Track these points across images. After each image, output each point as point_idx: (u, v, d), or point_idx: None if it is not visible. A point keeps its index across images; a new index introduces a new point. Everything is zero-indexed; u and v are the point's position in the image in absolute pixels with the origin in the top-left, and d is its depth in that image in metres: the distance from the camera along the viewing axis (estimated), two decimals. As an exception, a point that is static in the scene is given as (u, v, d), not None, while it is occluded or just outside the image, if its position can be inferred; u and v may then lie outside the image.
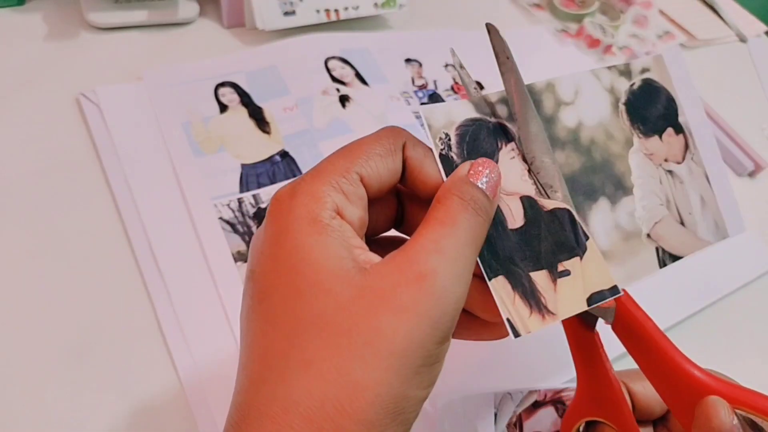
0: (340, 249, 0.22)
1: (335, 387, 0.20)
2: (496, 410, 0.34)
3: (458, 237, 0.22)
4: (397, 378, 0.21)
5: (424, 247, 0.22)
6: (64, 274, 0.38)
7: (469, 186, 0.24)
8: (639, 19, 0.73)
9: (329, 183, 0.23)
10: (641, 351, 0.26)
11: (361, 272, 0.22)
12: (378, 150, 0.25)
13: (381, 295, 0.21)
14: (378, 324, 0.21)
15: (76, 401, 0.34)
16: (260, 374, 0.21)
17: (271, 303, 0.22)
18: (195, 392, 0.35)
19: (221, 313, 0.38)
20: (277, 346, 0.21)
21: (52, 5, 0.52)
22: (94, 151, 0.44)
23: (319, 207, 0.23)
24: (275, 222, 0.23)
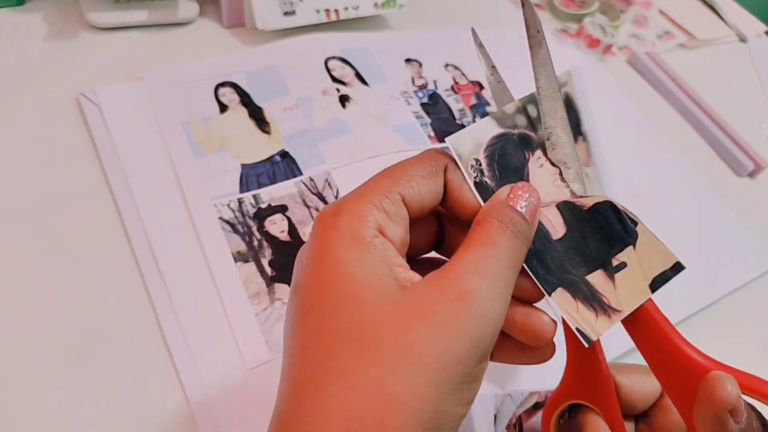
0: (380, 266, 0.23)
1: (371, 399, 0.20)
2: (496, 411, 0.34)
3: (498, 258, 0.23)
4: (435, 393, 0.21)
5: (463, 268, 0.22)
6: (64, 274, 0.38)
7: (509, 209, 0.25)
8: (639, 19, 0.73)
9: (372, 202, 0.24)
10: (641, 333, 0.26)
11: (400, 289, 0.22)
12: (420, 172, 0.25)
13: (419, 311, 0.21)
14: (415, 338, 0.21)
15: (76, 402, 0.34)
16: (301, 385, 0.22)
17: (314, 316, 0.23)
18: (194, 392, 0.35)
19: (221, 312, 0.38)
20: (317, 358, 0.22)
21: (52, 5, 0.52)
22: (94, 151, 0.44)
23: (362, 225, 0.23)
24: (319, 238, 0.24)
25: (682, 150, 0.60)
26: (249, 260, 0.40)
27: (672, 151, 0.59)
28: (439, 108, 0.54)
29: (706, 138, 0.63)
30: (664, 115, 0.64)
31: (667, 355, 0.25)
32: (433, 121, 0.52)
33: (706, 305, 0.47)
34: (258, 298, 0.39)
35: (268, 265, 0.40)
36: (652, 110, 0.64)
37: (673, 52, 0.71)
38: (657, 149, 0.59)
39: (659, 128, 0.61)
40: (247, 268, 0.40)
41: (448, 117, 0.53)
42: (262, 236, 0.42)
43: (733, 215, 0.55)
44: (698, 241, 0.51)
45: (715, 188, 0.57)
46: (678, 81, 0.67)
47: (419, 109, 0.53)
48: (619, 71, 0.67)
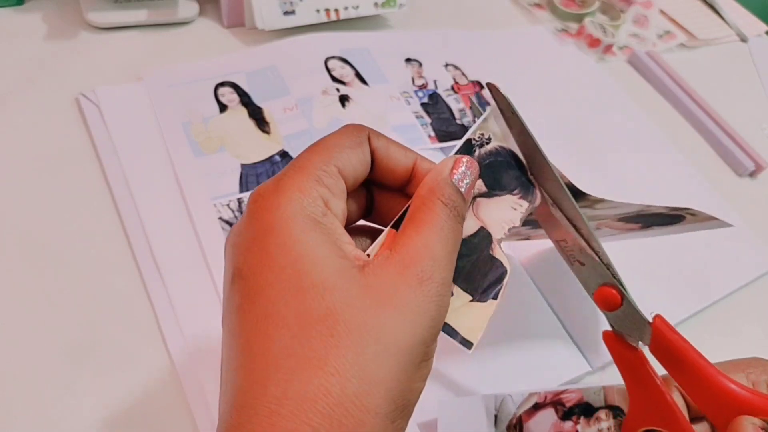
0: (333, 246, 0.23)
1: (354, 384, 0.21)
2: (496, 412, 0.34)
3: (446, 243, 0.24)
4: (404, 373, 0.22)
5: (418, 252, 0.23)
6: (64, 275, 0.38)
7: (451, 188, 0.25)
8: (639, 18, 0.73)
9: (313, 177, 0.24)
10: (679, 370, 0.28)
11: (359, 271, 0.23)
12: (347, 143, 0.25)
13: (385, 295, 0.22)
14: (385, 322, 0.21)
15: (74, 401, 0.34)
16: (265, 373, 0.21)
17: (268, 299, 0.22)
18: (194, 390, 0.35)
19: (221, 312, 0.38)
20: (282, 344, 0.21)
21: (51, 5, 0.52)
22: (93, 151, 0.44)
23: (309, 202, 0.23)
24: (261, 218, 0.23)
25: (683, 150, 0.60)
26: (249, 260, 0.40)
27: (672, 151, 0.59)
28: (439, 108, 0.53)
29: (706, 138, 0.63)
30: (664, 115, 0.64)
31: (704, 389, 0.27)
32: (433, 121, 0.52)
33: (707, 305, 0.47)
34: (258, 299, 0.39)
35: (267, 266, 0.40)
36: (652, 110, 0.64)
37: (673, 52, 0.71)
38: (657, 149, 0.59)
39: (659, 128, 0.61)
40: (246, 269, 0.40)
41: (449, 117, 0.53)
42: (262, 236, 0.42)
43: (734, 215, 0.55)
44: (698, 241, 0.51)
45: (716, 188, 0.57)
46: (678, 81, 0.67)
47: (419, 109, 0.53)
48: (619, 71, 0.67)
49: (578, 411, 0.36)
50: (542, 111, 0.57)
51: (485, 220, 0.27)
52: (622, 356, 0.31)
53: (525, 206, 0.28)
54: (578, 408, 0.36)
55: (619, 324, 0.30)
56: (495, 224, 0.28)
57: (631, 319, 0.29)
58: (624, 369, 0.31)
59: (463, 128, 0.52)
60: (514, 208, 0.28)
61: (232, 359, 0.22)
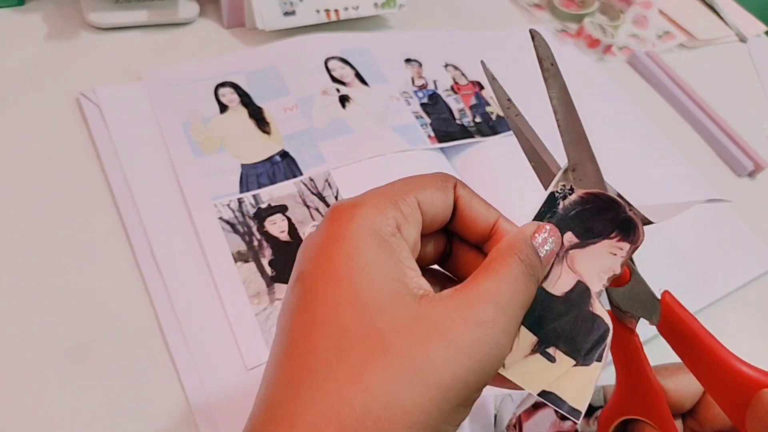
0: (396, 268, 0.23)
1: (380, 405, 0.20)
2: (496, 411, 0.34)
3: (516, 296, 0.23)
4: (437, 410, 0.21)
5: (483, 296, 0.23)
6: (64, 274, 0.38)
7: (531, 249, 0.25)
8: (639, 19, 0.73)
9: (390, 200, 0.24)
10: (688, 349, 0.27)
11: (417, 300, 0.22)
12: (431, 183, 0.26)
13: (438, 329, 0.22)
14: (432, 354, 0.21)
15: (75, 402, 0.34)
16: (299, 376, 0.21)
17: (320, 306, 0.22)
18: (194, 391, 0.35)
19: (221, 312, 0.38)
20: (323, 353, 0.21)
21: (52, 5, 0.52)
22: (94, 151, 0.44)
23: (382, 219, 0.24)
24: (334, 226, 0.24)
25: (682, 150, 0.60)
26: (249, 260, 0.40)
27: (672, 151, 0.59)
28: (438, 108, 0.54)
29: (705, 138, 0.63)
30: (663, 115, 0.65)
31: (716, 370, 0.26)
32: (433, 121, 0.52)
33: (706, 305, 0.47)
34: (258, 298, 0.39)
35: (268, 265, 0.40)
36: (651, 110, 0.64)
37: (672, 52, 0.71)
38: (657, 149, 0.59)
39: (659, 128, 0.61)
40: (247, 268, 0.40)
41: (448, 117, 0.53)
42: (262, 236, 0.42)
43: (733, 215, 0.55)
44: (698, 241, 0.51)
45: (715, 188, 0.57)
46: (678, 81, 0.67)
47: (419, 109, 0.53)
48: (619, 71, 0.67)
49: (577, 410, 0.36)
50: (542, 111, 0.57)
51: (582, 272, 0.26)
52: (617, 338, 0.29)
53: (626, 248, 0.26)
54: (577, 407, 0.36)
55: (625, 302, 0.29)
56: (593, 275, 0.26)
57: (638, 296, 0.28)
58: (616, 352, 0.30)
59: (462, 128, 0.52)
60: (613, 253, 0.26)
61: (277, 356, 0.23)
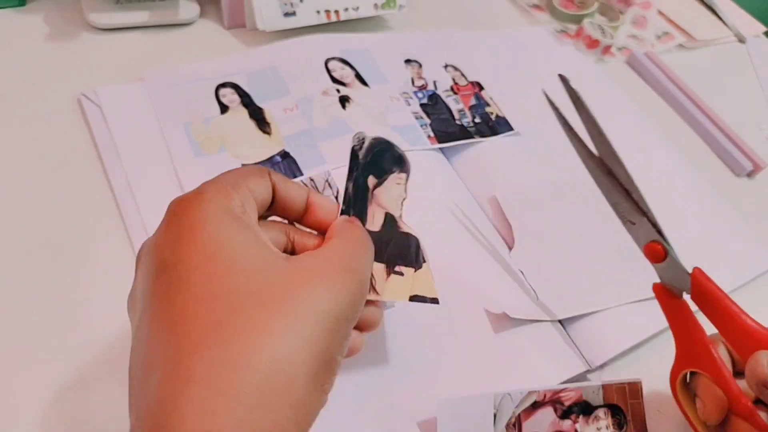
0: (258, 239, 0.25)
1: (285, 345, 0.23)
2: (495, 411, 0.35)
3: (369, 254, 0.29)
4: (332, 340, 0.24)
5: (350, 252, 0.27)
6: (65, 275, 0.38)
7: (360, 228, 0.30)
8: (638, 19, 0.73)
9: (230, 186, 0.26)
10: (714, 313, 0.33)
11: (285, 258, 0.25)
12: (252, 172, 0.29)
13: (316, 274, 0.25)
14: (317, 295, 0.24)
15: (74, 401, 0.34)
16: (195, 344, 0.22)
17: (196, 284, 0.23)
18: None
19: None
20: (212, 318, 0.23)
21: (53, 6, 0.52)
22: (95, 151, 0.44)
23: (229, 201, 0.26)
24: (184, 216, 0.25)
25: (681, 150, 0.60)
26: (250, 260, 0.40)
27: (671, 152, 0.59)
28: (438, 108, 0.54)
29: (704, 138, 0.63)
30: (662, 115, 0.65)
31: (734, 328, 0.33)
32: (433, 121, 0.52)
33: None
34: (259, 298, 0.39)
35: (268, 265, 0.40)
36: (651, 111, 0.64)
37: (671, 53, 0.72)
38: (656, 149, 0.59)
39: (658, 128, 0.61)
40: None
41: (448, 117, 0.53)
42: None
43: (732, 215, 0.55)
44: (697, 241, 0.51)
45: (714, 188, 0.57)
46: (677, 81, 0.67)
47: (419, 110, 0.53)
48: (618, 72, 0.67)
49: (577, 410, 0.36)
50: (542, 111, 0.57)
51: (385, 204, 0.33)
52: (669, 305, 0.35)
53: (404, 177, 0.35)
54: (577, 407, 0.36)
55: (665, 275, 0.35)
56: (393, 205, 0.34)
57: (674, 270, 0.34)
58: (671, 317, 0.36)
59: (462, 129, 0.52)
60: (398, 183, 0.34)
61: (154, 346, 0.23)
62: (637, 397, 0.37)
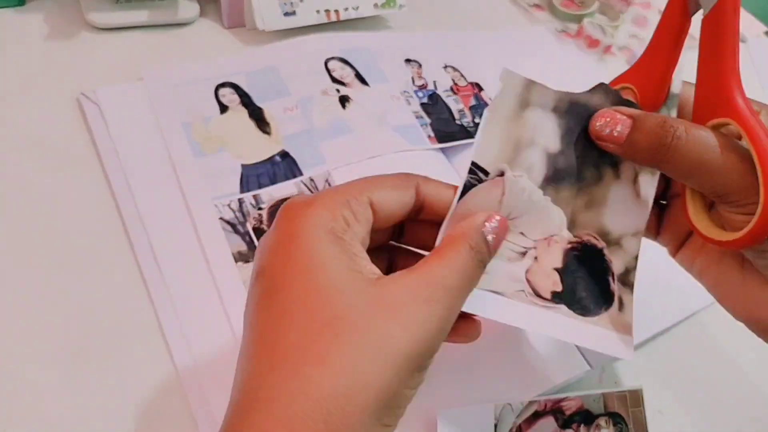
0: (349, 260, 0.25)
1: (346, 381, 0.23)
2: (496, 421, 0.34)
3: (462, 277, 0.27)
4: (397, 378, 0.24)
5: (434, 278, 0.26)
6: (64, 274, 0.38)
7: (481, 237, 0.28)
8: (638, 19, 0.73)
9: (342, 200, 0.27)
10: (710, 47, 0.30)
11: (371, 283, 0.25)
12: (390, 183, 0.28)
13: (393, 308, 0.24)
14: (390, 330, 0.24)
15: (74, 401, 0.34)
16: (271, 364, 0.24)
17: (285, 299, 0.24)
18: (194, 391, 0.35)
19: (221, 312, 0.38)
20: (291, 340, 0.24)
21: (52, 5, 0.52)
22: (94, 151, 0.44)
23: (333, 218, 0.26)
24: (290, 225, 0.26)
25: (682, 150, 0.60)
26: (249, 260, 0.40)
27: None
28: (438, 108, 0.54)
29: (705, 138, 0.63)
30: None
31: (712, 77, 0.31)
32: (433, 121, 0.52)
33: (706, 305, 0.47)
34: (258, 299, 0.39)
35: (268, 266, 0.40)
36: (651, 110, 0.64)
37: (672, 53, 0.71)
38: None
39: (659, 128, 0.61)
40: (247, 269, 0.40)
41: (448, 117, 0.53)
42: (263, 236, 0.42)
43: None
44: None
45: (715, 188, 0.57)
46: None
47: (419, 109, 0.53)
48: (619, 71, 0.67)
49: (578, 419, 0.36)
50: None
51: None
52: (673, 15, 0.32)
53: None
54: (578, 415, 0.36)
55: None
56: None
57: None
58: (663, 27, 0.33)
59: (462, 129, 0.52)
60: None
61: (248, 349, 0.25)
62: (638, 405, 0.36)
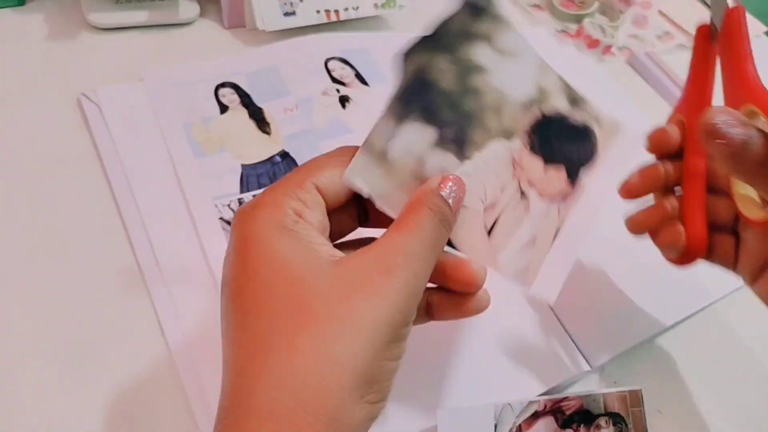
0: (306, 247, 0.25)
1: (316, 362, 0.23)
2: (495, 421, 0.34)
3: (423, 242, 0.26)
4: (371, 351, 0.24)
5: (393, 247, 0.26)
6: (65, 274, 0.38)
7: (438, 198, 0.27)
8: (638, 19, 0.73)
9: (286, 193, 0.26)
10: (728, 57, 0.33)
11: (331, 264, 0.25)
12: (331, 162, 0.28)
13: (354, 284, 0.24)
14: (352, 307, 0.24)
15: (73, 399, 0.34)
16: (244, 361, 0.24)
17: (246, 298, 0.25)
18: (195, 392, 0.35)
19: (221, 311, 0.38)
20: (258, 334, 0.24)
21: (52, 6, 0.52)
22: (94, 151, 0.44)
23: (281, 214, 0.26)
24: (240, 232, 0.26)
25: (682, 150, 0.60)
26: (249, 260, 0.40)
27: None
28: (439, 108, 0.54)
29: (705, 138, 0.63)
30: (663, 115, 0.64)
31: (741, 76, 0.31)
32: (433, 121, 0.52)
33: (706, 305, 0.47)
34: (258, 298, 0.39)
35: (268, 266, 0.40)
36: (651, 111, 0.64)
37: (672, 53, 0.71)
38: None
39: (659, 129, 0.61)
40: (247, 269, 0.40)
41: (448, 117, 0.53)
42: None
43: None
44: (697, 241, 0.51)
45: (715, 189, 0.57)
46: (678, 81, 0.67)
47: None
48: (618, 72, 0.67)
49: (578, 419, 0.36)
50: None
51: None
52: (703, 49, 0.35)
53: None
54: (578, 415, 0.36)
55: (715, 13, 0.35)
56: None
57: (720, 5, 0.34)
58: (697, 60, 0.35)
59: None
60: None
61: (224, 355, 0.25)
62: (637, 405, 0.36)
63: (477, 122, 0.30)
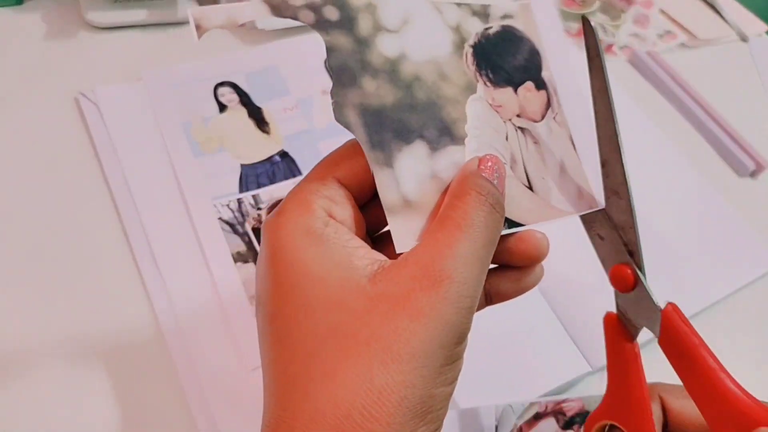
0: (341, 257, 0.22)
1: (359, 394, 0.20)
2: (497, 422, 0.34)
3: (475, 240, 0.22)
4: (420, 379, 0.21)
5: (438, 252, 0.22)
6: (63, 274, 0.38)
7: (483, 179, 0.23)
8: (640, 18, 0.73)
9: (312, 191, 0.24)
10: (686, 368, 0.25)
11: (369, 280, 0.22)
12: (346, 154, 0.25)
13: (396, 302, 0.21)
14: (395, 329, 0.21)
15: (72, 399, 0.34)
16: (284, 391, 0.22)
17: (282, 323, 0.22)
18: (195, 394, 0.35)
19: (221, 313, 0.38)
20: (297, 363, 0.22)
21: (51, 5, 0.52)
22: (93, 150, 0.44)
23: (309, 216, 0.23)
24: (269, 242, 0.23)
25: (683, 150, 0.60)
26: (249, 261, 0.40)
27: (673, 151, 0.59)
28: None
29: (707, 138, 0.63)
30: (665, 114, 0.64)
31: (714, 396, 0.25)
32: (434, 121, 0.52)
33: (706, 306, 0.47)
34: (257, 299, 0.39)
35: (267, 266, 0.40)
36: (652, 110, 0.64)
37: (674, 52, 0.71)
38: (658, 149, 0.59)
39: (660, 128, 0.61)
40: (246, 269, 0.40)
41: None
42: (262, 237, 0.41)
43: (735, 215, 0.55)
44: (699, 241, 0.51)
45: (717, 188, 0.57)
46: (679, 81, 0.67)
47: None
48: (620, 71, 0.67)
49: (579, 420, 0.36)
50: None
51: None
52: (616, 344, 0.29)
53: None
54: (579, 417, 0.36)
55: (630, 308, 0.28)
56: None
57: (642, 304, 0.27)
58: (612, 358, 0.29)
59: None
60: None
61: (263, 381, 0.23)
62: None
63: (440, 101, 0.28)
